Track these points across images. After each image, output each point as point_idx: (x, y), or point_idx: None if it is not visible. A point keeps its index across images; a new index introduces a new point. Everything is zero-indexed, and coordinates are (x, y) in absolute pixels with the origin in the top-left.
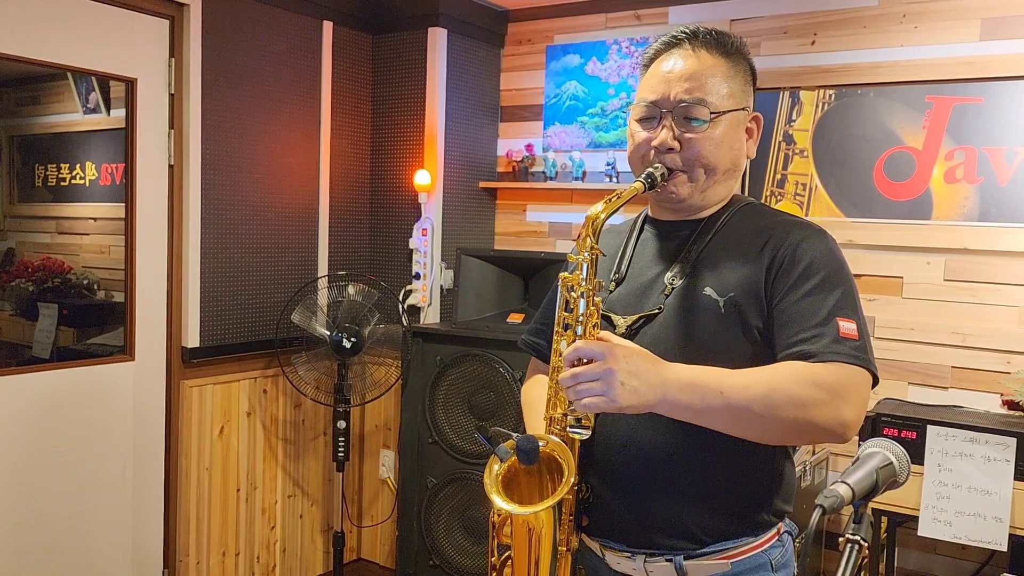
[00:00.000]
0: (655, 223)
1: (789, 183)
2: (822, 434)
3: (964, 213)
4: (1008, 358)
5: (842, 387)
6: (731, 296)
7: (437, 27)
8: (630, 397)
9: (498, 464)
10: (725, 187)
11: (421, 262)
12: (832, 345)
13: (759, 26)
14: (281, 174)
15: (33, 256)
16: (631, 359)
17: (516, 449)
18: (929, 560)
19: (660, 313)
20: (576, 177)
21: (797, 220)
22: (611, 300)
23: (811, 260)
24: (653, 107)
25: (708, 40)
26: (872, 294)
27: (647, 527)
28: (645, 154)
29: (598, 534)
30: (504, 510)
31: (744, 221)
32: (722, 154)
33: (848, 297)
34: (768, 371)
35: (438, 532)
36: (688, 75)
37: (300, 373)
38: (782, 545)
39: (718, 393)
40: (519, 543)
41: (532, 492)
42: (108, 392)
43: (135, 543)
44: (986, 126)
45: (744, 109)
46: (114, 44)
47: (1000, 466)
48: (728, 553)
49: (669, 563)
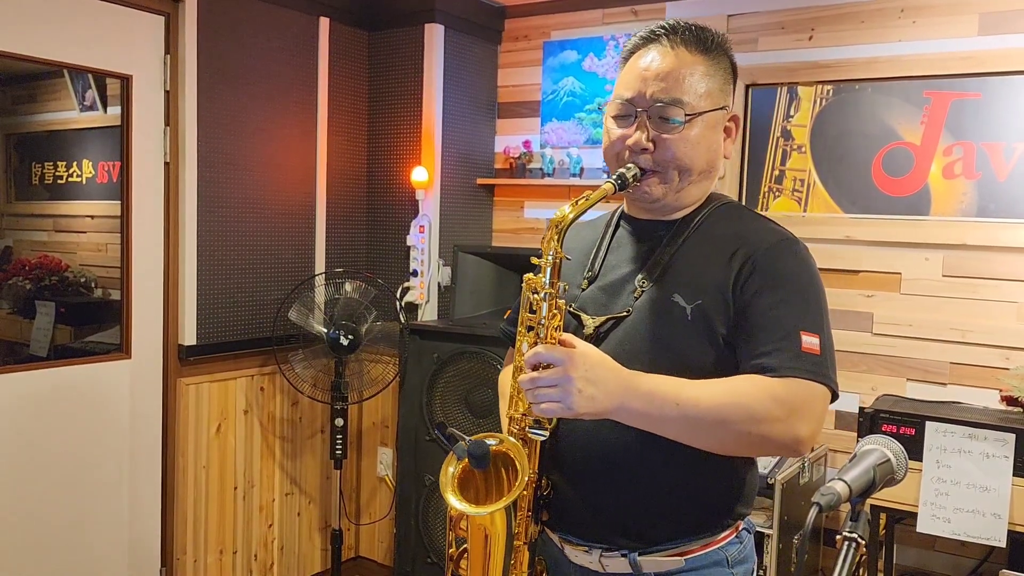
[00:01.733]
0: (630, 220)
1: (787, 179)
2: (776, 448)
3: (962, 209)
4: (1007, 354)
5: (798, 403)
6: (699, 304)
7: (434, 23)
8: (586, 404)
9: (454, 464)
10: (700, 187)
11: (418, 259)
12: (792, 360)
13: (756, 21)
14: (278, 171)
15: (30, 254)
16: (590, 366)
17: (468, 455)
18: (928, 557)
19: (629, 316)
20: (574, 174)
21: (772, 227)
22: (583, 298)
23: (780, 270)
24: (628, 105)
25: (687, 37)
26: (870, 290)
27: (603, 523)
28: (620, 152)
29: (558, 528)
30: (458, 510)
31: (719, 224)
32: (697, 155)
33: (814, 310)
34: (726, 384)
35: (436, 529)
36: (664, 73)
37: (297, 371)
38: (740, 542)
39: (674, 404)
40: (475, 537)
41: (490, 487)
42: (105, 390)
43: (132, 541)
44: (984, 121)
45: (723, 108)
46: (110, 41)
47: (999, 462)
48: (683, 549)
49: (624, 558)
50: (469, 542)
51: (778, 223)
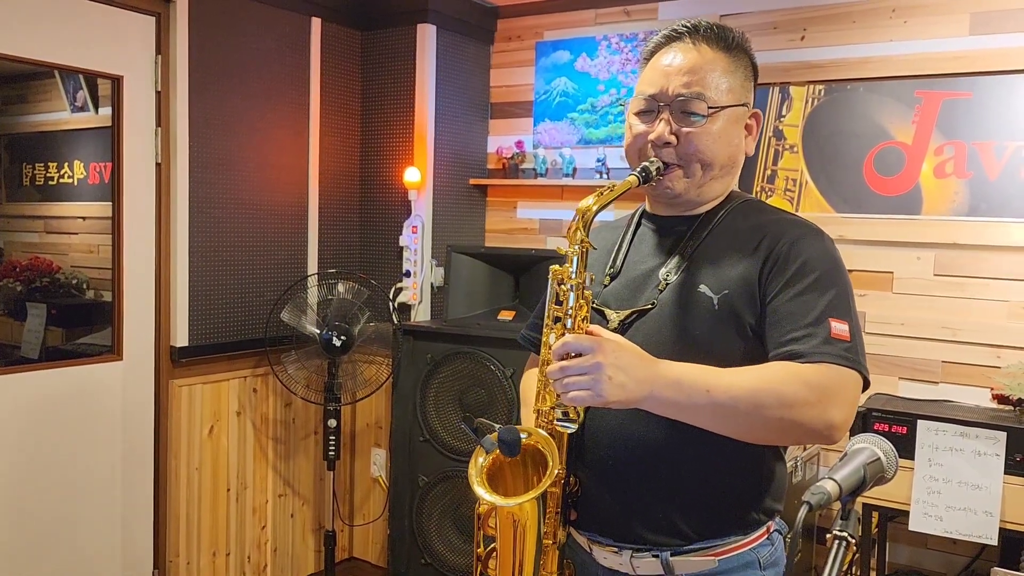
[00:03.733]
0: (652, 218)
1: (779, 179)
2: (809, 435)
3: (954, 208)
4: (998, 352)
5: (830, 388)
6: (725, 294)
7: (426, 23)
8: (617, 392)
9: (483, 456)
10: (722, 183)
11: (411, 260)
12: (822, 346)
13: (749, 21)
14: (270, 172)
15: (21, 256)
16: (620, 354)
17: (498, 440)
18: (920, 555)
19: (653, 308)
20: (566, 174)
21: (794, 219)
22: (605, 294)
23: (806, 259)
24: (651, 100)
25: (709, 34)
26: (863, 289)
27: (634, 522)
28: (642, 147)
29: (586, 528)
30: (488, 501)
31: (741, 218)
32: (719, 149)
33: (842, 298)
34: (756, 370)
35: (430, 530)
36: (687, 69)
37: (290, 372)
38: (771, 544)
39: (704, 391)
40: (504, 535)
41: (517, 484)
42: (97, 392)
43: (125, 543)
44: (975, 121)
45: (744, 105)
46: (100, 42)
47: (990, 460)
48: (716, 550)
49: (656, 559)
50: (498, 540)
51: (800, 216)
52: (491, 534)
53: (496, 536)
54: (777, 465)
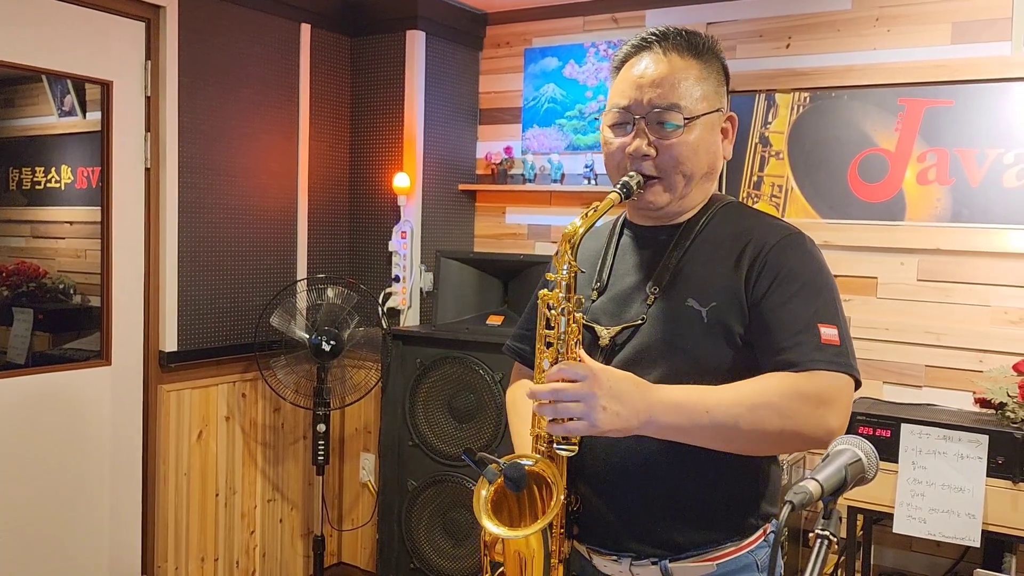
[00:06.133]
0: (633, 227)
1: (765, 185)
2: (808, 443)
3: (936, 214)
4: (980, 357)
5: (826, 395)
6: (714, 306)
7: (415, 30)
8: (612, 421)
9: (486, 488)
10: (702, 190)
11: (400, 264)
12: (813, 353)
13: (735, 29)
14: (259, 177)
15: (7, 260)
16: (614, 383)
17: (505, 479)
18: (905, 557)
19: (643, 323)
20: (555, 180)
21: (776, 223)
22: (594, 309)
23: (791, 265)
24: (625, 112)
25: (679, 42)
26: (847, 294)
27: (632, 533)
28: (620, 161)
29: (586, 539)
30: (496, 535)
31: (723, 224)
32: (699, 158)
33: (828, 302)
34: (751, 385)
35: (419, 535)
36: (660, 79)
37: (279, 377)
38: (768, 545)
39: (704, 412)
40: (511, 562)
41: (523, 507)
42: (85, 397)
43: (113, 549)
44: (957, 128)
45: (718, 111)
46: (89, 47)
47: (973, 463)
48: (714, 555)
49: (655, 566)
50: (505, 566)
51: (781, 219)
52: (498, 560)
53: (503, 562)
54: (772, 468)
